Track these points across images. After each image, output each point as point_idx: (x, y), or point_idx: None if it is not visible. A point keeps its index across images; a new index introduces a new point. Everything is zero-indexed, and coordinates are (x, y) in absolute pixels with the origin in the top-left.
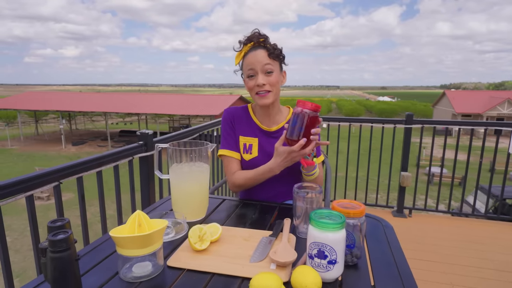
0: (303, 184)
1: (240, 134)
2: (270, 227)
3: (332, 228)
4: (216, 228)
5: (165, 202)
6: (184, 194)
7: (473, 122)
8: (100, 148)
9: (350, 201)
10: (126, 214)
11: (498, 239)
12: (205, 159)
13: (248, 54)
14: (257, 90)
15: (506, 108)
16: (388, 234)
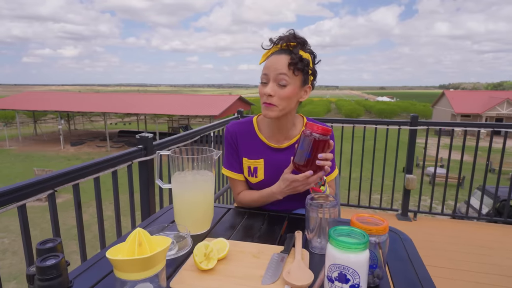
0: (317, 194)
1: (243, 156)
2: (280, 240)
3: (354, 249)
4: (223, 244)
5: (167, 212)
6: (187, 205)
7: (479, 124)
8: (99, 148)
9: (371, 215)
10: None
11: (505, 243)
12: (209, 167)
13: (271, 56)
14: (264, 99)
15: (505, 108)
16: (408, 248)
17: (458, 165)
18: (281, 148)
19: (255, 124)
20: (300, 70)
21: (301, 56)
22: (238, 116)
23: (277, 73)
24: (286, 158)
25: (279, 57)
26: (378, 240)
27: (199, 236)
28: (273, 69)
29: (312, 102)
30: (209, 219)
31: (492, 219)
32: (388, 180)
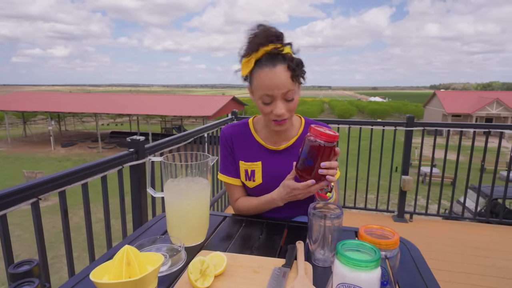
0: (321, 203)
1: (240, 159)
2: (280, 252)
3: (365, 267)
4: (220, 259)
5: (160, 221)
6: (181, 216)
7: (474, 124)
8: (90, 149)
9: (379, 226)
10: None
11: (501, 244)
12: (204, 174)
13: (262, 68)
14: (274, 118)
15: (494, 108)
16: (416, 259)
17: (451, 165)
18: (279, 150)
19: (251, 126)
20: (300, 77)
21: (296, 61)
22: (232, 117)
23: (285, 91)
24: (284, 160)
25: (277, 70)
26: (388, 255)
27: (193, 248)
28: (279, 89)
29: (305, 103)
30: (205, 230)
31: (487, 220)
32: (382, 180)
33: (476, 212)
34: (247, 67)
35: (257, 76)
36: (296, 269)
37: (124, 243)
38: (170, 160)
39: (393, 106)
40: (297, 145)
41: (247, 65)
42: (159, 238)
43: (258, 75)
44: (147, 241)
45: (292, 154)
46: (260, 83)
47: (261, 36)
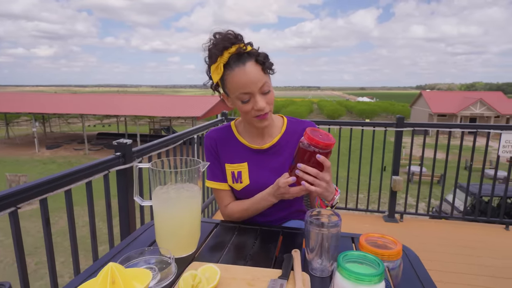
0: (317, 210)
1: (226, 162)
2: (276, 262)
3: (369, 281)
4: (213, 272)
5: (148, 229)
6: (171, 226)
7: (463, 124)
8: (76, 151)
9: (380, 235)
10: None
11: (489, 243)
12: (195, 180)
13: (233, 69)
14: (256, 114)
15: (478, 108)
16: (416, 268)
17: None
18: (264, 149)
19: (234, 129)
20: (270, 68)
21: (263, 54)
22: (223, 118)
23: (261, 85)
24: (269, 158)
25: (247, 67)
26: (390, 266)
27: (184, 260)
28: (253, 84)
29: (294, 103)
30: (196, 240)
31: (475, 219)
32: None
33: (465, 211)
34: (217, 73)
35: (229, 78)
36: (293, 281)
37: (111, 254)
38: (158, 166)
39: (381, 106)
40: (280, 143)
41: (217, 72)
42: (147, 250)
43: (230, 77)
44: (134, 252)
45: (277, 153)
46: (234, 84)
47: (222, 41)
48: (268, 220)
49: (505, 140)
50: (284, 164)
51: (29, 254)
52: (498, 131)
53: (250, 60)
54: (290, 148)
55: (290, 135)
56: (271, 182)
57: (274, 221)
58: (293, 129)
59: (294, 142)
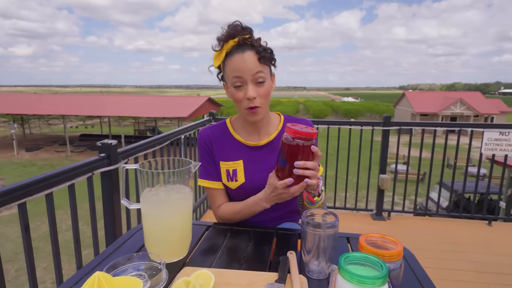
0: (313, 210)
1: (220, 160)
2: (271, 264)
3: (372, 284)
4: (206, 278)
5: (136, 233)
6: (161, 229)
7: (449, 123)
8: (58, 153)
9: (380, 235)
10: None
11: (473, 238)
12: (186, 182)
13: (232, 55)
14: (247, 104)
15: (458, 107)
16: (414, 268)
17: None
18: (259, 145)
19: (229, 125)
20: (269, 61)
21: (264, 47)
22: (210, 118)
23: (254, 72)
24: (265, 156)
25: (245, 54)
26: (391, 267)
27: (175, 265)
28: (247, 70)
29: (281, 103)
30: (187, 244)
31: (460, 215)
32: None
33: (450, 208)
34: (218, 59)
35: (227, 64)
36: (291, 284)
37: (96, 261)
38: (146, 167)
39: (366, 106)
40: (277, 141)
41: (219, 57)
42: (136, 256)
43: (228, 63)
44: (122, 259)
45: (273, 150)
46: (230, 69)
47: (229, 30)
48: (261, 220)
49: (487, 138)
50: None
51: (9, 261)
52: (481, 130)
53: (250, 50)
54: None
55: None
56: (266, 181)
57: (267, 221)
58: None
59: None
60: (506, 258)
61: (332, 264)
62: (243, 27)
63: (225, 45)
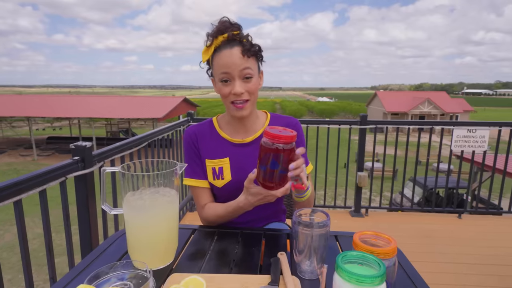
0: (304, 210)
1: (206, 158)
2: (262, 266)
3: (370, 283)
4: (197, 284)
5: (118, 240)
6: (146, 235)
7: (421, 121)
8: (23, 157)
9: (374, 233)
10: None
11: (446, 231)
12: (171, 184)
13: (220, 51)
14: (233, 99)
15: (426, 107)
16: (404, 265)
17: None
18: (246, 142)
19: (216, 123)
20: (256, 57)
21: (251, 43)
22: (188, 119)
23: (241, 68)
24: (252, 153)
25: (233, 50)
26: (386, 264)
27: (161, 272)
28: (235, 65)
29: (257, 103)
30: (174, 249)
31: (432, 209)
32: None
33: (423, 203)
34: (207, 54)
35: (215, 59)
36: (284, 286)
37: (76, 271)
38: (128, 170)
39: (340, 106)
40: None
41: (207, 53)
42: (120, 264)
43: (216, 58)
44: (106, 268)
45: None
46: (218, 65)
47: (219, 26)
48: (248, 220)
49: (456, 135)
50: None
51: None
52: (451, 127)
53: (238, 46)
54: None
55: None
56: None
57: (254, 221)
58: (275, 124)
59: None
60: (477, 249)
61: (324, 264)
62: (231, 22)
63: (214, 41)
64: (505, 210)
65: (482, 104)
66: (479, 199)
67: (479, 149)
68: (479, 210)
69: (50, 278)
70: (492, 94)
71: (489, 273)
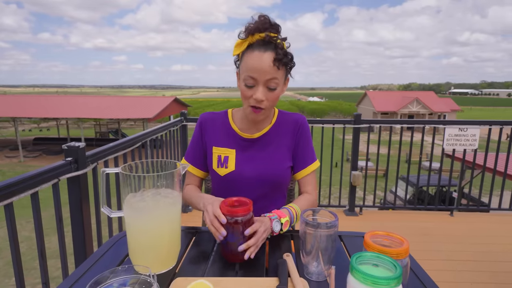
0: (312, 209)
1: (213, 145)
2: (269, 268)
3: (386, 285)
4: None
5: (116, 244)
6: (149, 239)
7: (414, 120)
8: (9, 159)
9: (386, 233)
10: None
11: (439, 229)
12: (173, 185)
13: (253, 50)
14: (253, 103)
15: (415, 106)
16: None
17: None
18: (253, 138)
19: (230, 116)
20: (285, 67)
21: (285, 51)
22: (182, 119)
23: (268, 77)
24: (257, 148)
25: (265, 55)
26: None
27: (164, 276)
28: (263, 74)
29: None
30: (176, 252)
31: (426, 208)
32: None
33: (416, 201)
34: (239, 48)
35: (246, 57)
36: None
37: (76, 276)
38: (128, 171)
39: (330, 105)
40: (270, 134)
41: (240, 47)
42: (121, 269)
43: (247, 57)
44: (107, 273)
45: (265, 142)
46: (246, 65)
47: (258, 23)
48: None
49: (448, 134)
50: (272, 154)
51: None
52: (442, 126)
53: (271, 51)
54: (279, 139)
55: (280, 126)
56: (256, 172)
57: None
58: (283, 120)
59: (283, 134)
60: (470, 246)
61: (332, 265)
62: (271, 23)
63: (250, 37)
64: (495, 207)
65: (468, 103)
66: (469, 197)
67: (470, 147)
68: (469, 208)
69: (43, 283)
70: (478, 94)
71: (482, 270)
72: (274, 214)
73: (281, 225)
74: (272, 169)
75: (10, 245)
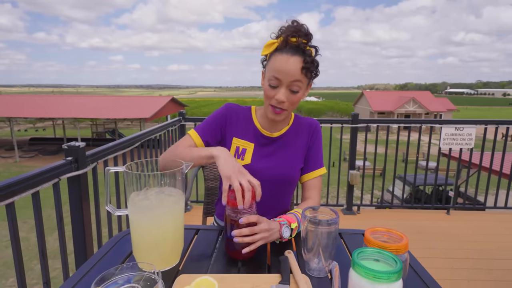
0: (313, 207)
1: (234, 136)
2: (271, 266)
3: (387, 279)
4: (209, 285)
5: (119, 242)
6: (153, 236)
7: (410, 120)
8: (4, 159)
9: (386, 229)
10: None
11: (436, 227)
12: (178, 184)
13: (282, 52)
14: (274, 104)
15: (411, 106)
16: (411, 262)
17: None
18: (273, 137)
19: (253, 112)
20: (310, 73)
21: (313, 59)
22: (180, 118)
23: (292, 80)
24: (274, 147)
25: (293, 60)
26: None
27: (168, 273)
28: (288, 76)
29: (245, 103)
30: (179, 250)
31: (422, 206)
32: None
33: (413, 200)
34: (268, 49)
35: (273, 58)
36: (295, 284)
37: (75, 278)
38: (133, 169)
39: (327, 105)
40: (288, 134)
41: (269, 47)
42: (126, 266)
43: (274, 58)
44: (113, 269)
45: (283, 143)
46: (273, 65)
47: (291, 29)
48: None
49: (444, 133)
50: (288, 155)
51: None
52: (438, 125)
53: (299, 56)
54: (295, 140)
55: (297, 128)
56: (270, 169)
57: None
58: (299, 123)
59: (300, 136)
60: (466, 244)
61: (333, 261)
62: (305, 32)
63: (279, 40)
64: (490, 205)
65: (464, 103)
66: (465, 196)
67: (466, 147)
68: (466, 206)
69: (44, 282)
70: (473, 94)
71: (478, 267)
72: (283, 219)
73: (291, 230)
74: (286, 168)
75: (11, 244)
